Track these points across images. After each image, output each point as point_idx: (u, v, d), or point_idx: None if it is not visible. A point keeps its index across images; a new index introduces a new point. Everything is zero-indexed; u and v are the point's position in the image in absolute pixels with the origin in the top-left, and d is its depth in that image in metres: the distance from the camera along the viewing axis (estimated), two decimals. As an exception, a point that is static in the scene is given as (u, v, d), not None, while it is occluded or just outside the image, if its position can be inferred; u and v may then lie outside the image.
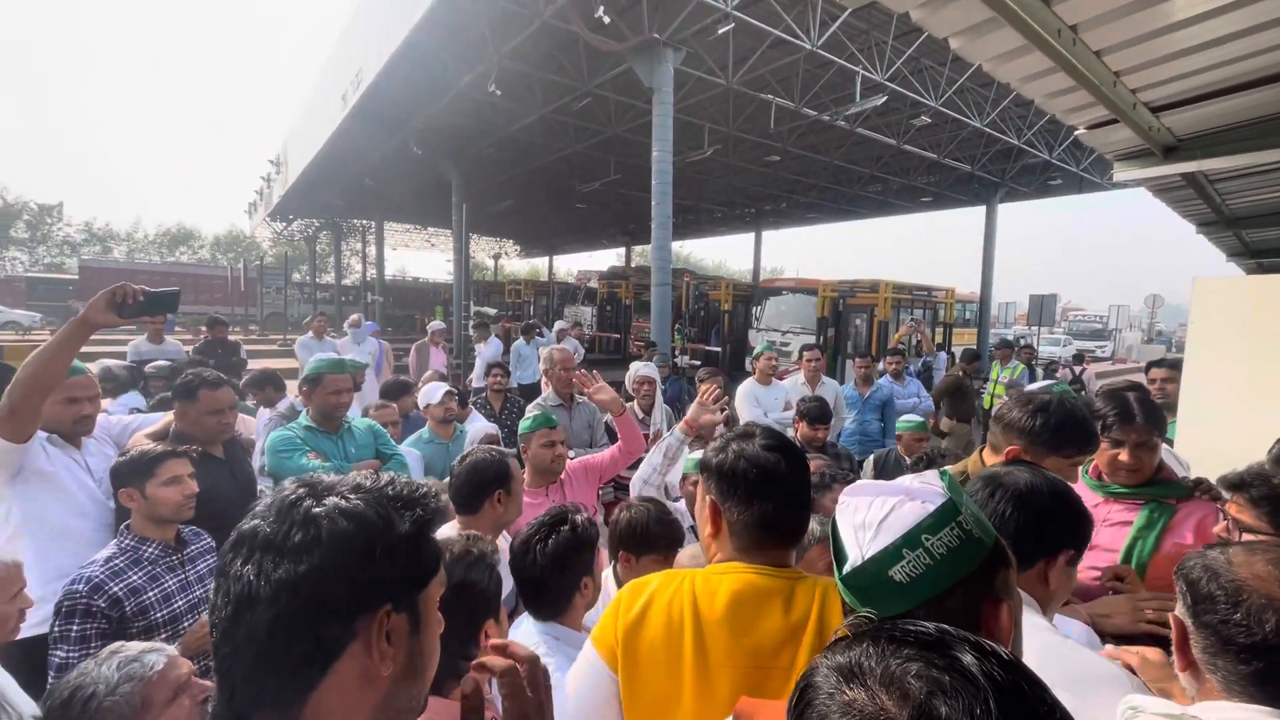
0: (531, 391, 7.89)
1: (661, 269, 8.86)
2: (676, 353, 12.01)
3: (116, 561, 1.77)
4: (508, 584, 1.52)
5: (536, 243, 36.69)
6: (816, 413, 3.35)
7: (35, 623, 1.92)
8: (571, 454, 3.10)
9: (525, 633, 1.54)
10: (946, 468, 1.05)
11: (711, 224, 26.42)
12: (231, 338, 6.92)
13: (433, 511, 0.69)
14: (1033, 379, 7.70)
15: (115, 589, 1.71)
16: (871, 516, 0.72)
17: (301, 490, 0.65)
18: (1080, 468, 1.66)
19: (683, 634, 1.02)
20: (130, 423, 2.30)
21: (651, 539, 1.86)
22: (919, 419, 3.88)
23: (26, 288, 28.30)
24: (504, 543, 1.93)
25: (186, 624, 1.79)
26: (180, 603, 1.82)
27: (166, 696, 1.24)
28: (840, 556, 0.73)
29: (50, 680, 1.63)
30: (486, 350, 8.02)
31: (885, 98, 9.81)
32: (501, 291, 26.64)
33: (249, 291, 25.01)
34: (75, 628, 1.65)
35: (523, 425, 2.48)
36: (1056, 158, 13.57)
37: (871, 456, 3.69)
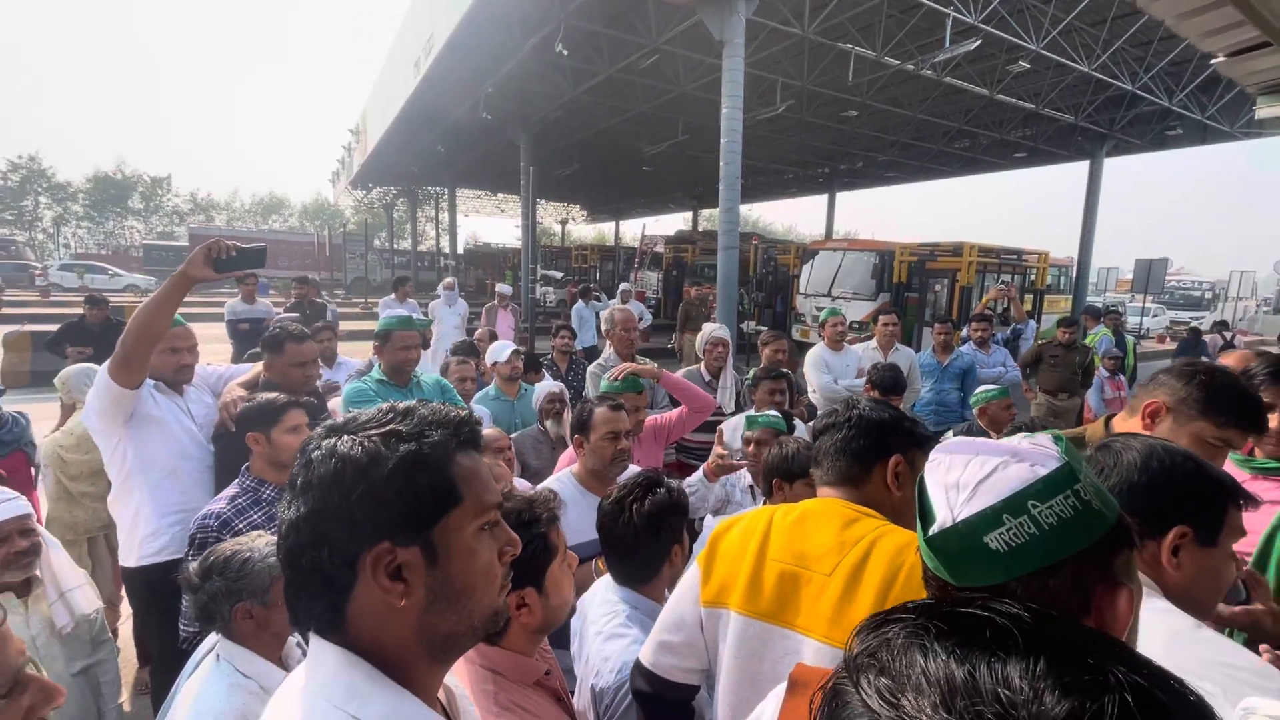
0: (591, 354, 7.98)
1: (729, 232, 8.63)
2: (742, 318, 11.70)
3: (240, 500, 1.95)
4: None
5: (603, 207, 36.66)
6: (890, 382, 3.18)
7: (151, 552, 2.13)
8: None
9: (602, 598, 1.51)
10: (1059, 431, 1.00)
11: (782, 185, 25.49)
12: (319, 300, 7.38)
13: (432, 445, 0.65)
14: (1121, 347, 7.07)
15: (240, 526, 1.88)
16: (968, 476, 0.64)
17: (319, 431, 0.67)
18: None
19: (754, 535, 1.16)
20: (224, 372, 2.47)
21: (801, 466, 1.95)
22: (996, 388, 3.56)
23: (143, 254, 31.06)
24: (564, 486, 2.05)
25: None
26: None
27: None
28: (926, 516, 0.67)
29: (184, 603, 1.79)
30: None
31: (979, 41, 8.99)
32: (568, 256, 26.88)
33: (334, 257, 26.38)
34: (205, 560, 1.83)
35: (605, 385, 2.51)
36: (1177, 104, 12.11)
37: (950, 431, 3.45)
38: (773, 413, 2.62)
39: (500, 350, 3.66)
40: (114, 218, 45.80)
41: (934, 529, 0.64)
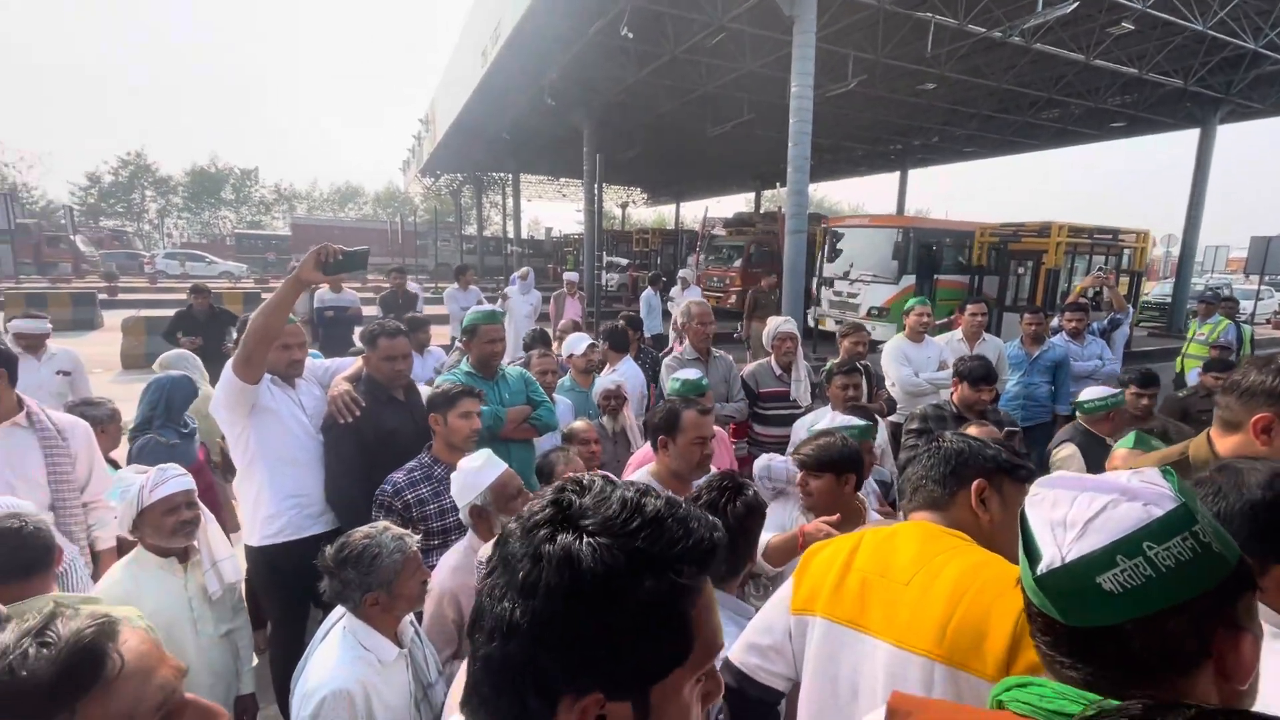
0: (660, 341, 8.00)
1: (797, 214, 8.42)
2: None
3: (415, 473, 2.21)
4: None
5: (664, 190, 36.42)
6: (980, 372, 3.04)
7: (270, 533, 2.33)
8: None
9: None
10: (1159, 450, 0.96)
11: (851, 164, 24.55)
12: (411, 290, 7.88)
13: (684, 588, 0.53)
14: (1240, 339, 6.41)
15: (409, 496, 2.15)
16: (1076, 514, 0.63)
17: (549, 509, 0.55)
18: None
19: (844, 549, 1.22)
20: (331, 365, 2.64)
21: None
22: (1114, 394, 3.12)
23: (235, 242, 33.36)
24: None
25: (454, 538, 2.11)
26: (452, 519, 2.16)
27: (412, 571, 1.62)
28: (1032, 553, 0.65)
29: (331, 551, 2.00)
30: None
31: (1075, 3, 8.31)
32: (629, 240, 26.91)
33: (406, 244, 27.44)
34: (381, 517, 2.06)
35: (672, 386, 2.54)
36: (1309, 62, 10.84)
37: (1058, 442, 3.13)
38: (840, 422, 2.52)
39: (577, 343, 3.73)
40: (209, 208, 49.23)
41: (1042, 568, 0.63)
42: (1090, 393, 3.13)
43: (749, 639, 1.29)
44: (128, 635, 0.61)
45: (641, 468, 2.27)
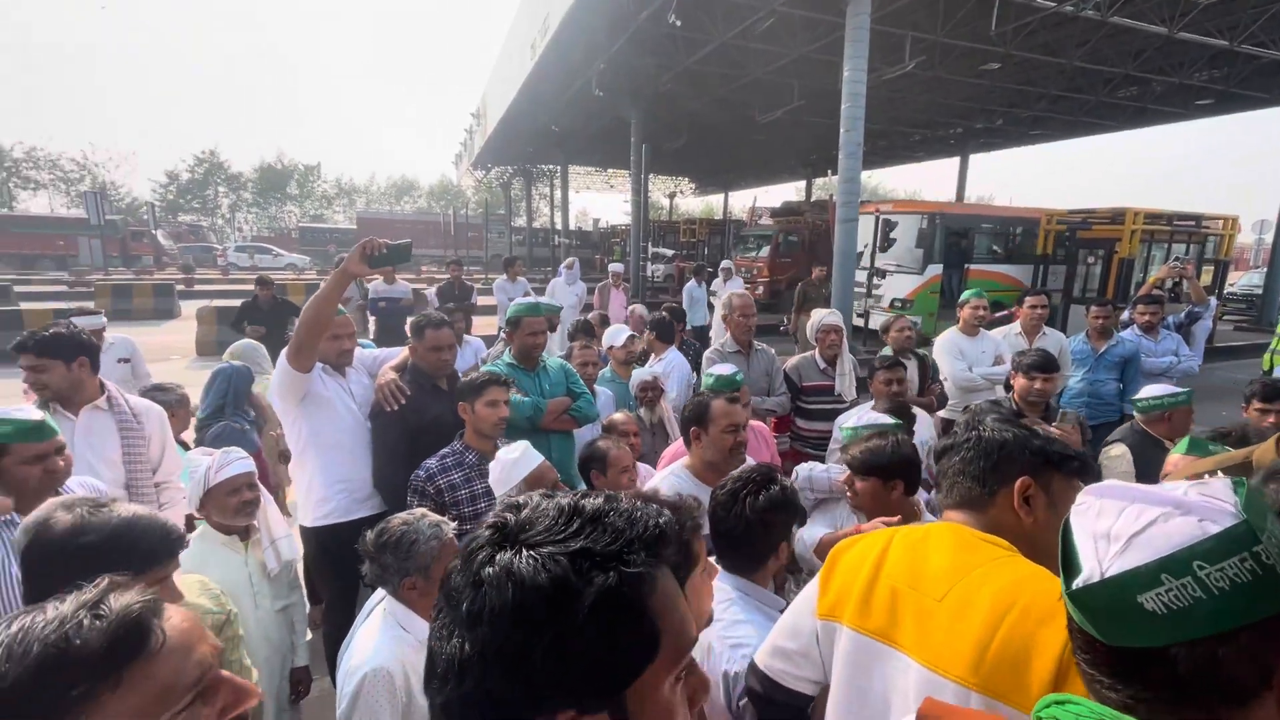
0: (702, 333, 7.95)
1: (848, 203, 8.18)
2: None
3: (447, 459, 2.29)
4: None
5: (712, 179, 36.01)
6: (1041, 360, 2.90)
7: (321, 515, 2.44)
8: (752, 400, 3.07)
9: (716, 585, 1.56)
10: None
11: (906, 149, 23.65)
12: (468, 283, 8.22)
13: (636, 577, 0.50)
14: None
15: (441, 481, 2.23)
16: (1121, 527, 0.58)
17: (487, 533, 0.53)
18: None
19: (872, 552, 1.13)
20: (379, 354, 2.75)
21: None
22: (1182, 392, 2.85)
23: (299, 235, 34.97)
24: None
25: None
26: (483, 504, 2.24)
27: (448, 557, 1.64)
28: (1070, 565, 0.62)
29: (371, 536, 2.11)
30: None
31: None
32: (676, 231, 26.76)
33: (458, 235, 28.14)
34: (416, 501, 2.19)
35: (706, 382, 2.53)
36: None
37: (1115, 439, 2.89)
38: (872, 419, 2.43)
39: (616, 334, 3.75)
40: (275, 203, 51.67)
41: (1079, 582, 0.59)
42: (1149, 390, 2.90)
43: (775, 643, 1.24)
44: (172, 613, 0.64)
45: (675, 461, 2.27)
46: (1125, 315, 4.88)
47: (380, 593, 1.72)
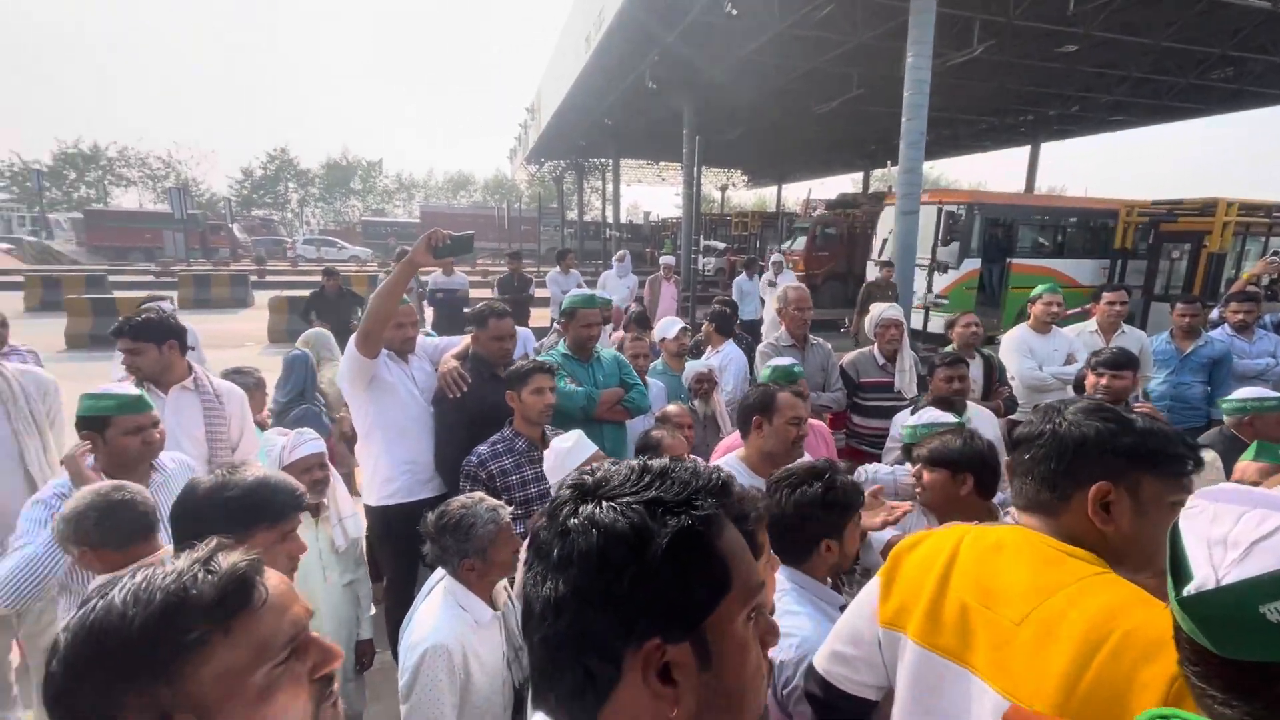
0: (753, 327, 7.85)
1: (909, 194, 7.91)
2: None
3: (498, 446, 2.35)
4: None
5: (765, 171, 35.43)
6: (1116, 356, 2.74)
7: (386, 495, 2.55)
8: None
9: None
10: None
11: (972, 138, 22.62)
12: (527, 274, 8.43)
13: (705, 519, 0.55)
14: None
15: (493, 467, 2.29)
16: (1240, 533, 0.55)
17: (570, 490, 0.60)
18: None
19: (938, 557, 1.05)
20: (440, 343, 2.85)
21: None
22: (1251, 396, 2.66)
23: (362, 229, 36.45)
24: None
25: (535, 508, 2.24)
26: (533, 490, 2.29)
27: (504, 540, 1.72)
28: (1180, 571, 0.58)
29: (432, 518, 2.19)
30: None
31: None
32: (728, 224, 26.48)
33: (512, 229, 28.71)
34: (468, 486, 2.25)
35: (765, 374, 2.50)
36: None
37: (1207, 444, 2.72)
38: (931, 418, 2.34)
39: (669, 326, 3.74)
40: (340, 198, 53.94)
41: (1190, 588, 0.56)
42: (1239, 393, 2.69)
43: (834, 647, 1.18)
44: (270, 575, 0.70)
45: (729, 453, 2.25)
46: (1215, 314, 4.54)
47: (440, 571, 1.78)
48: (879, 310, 3.43)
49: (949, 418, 2.27)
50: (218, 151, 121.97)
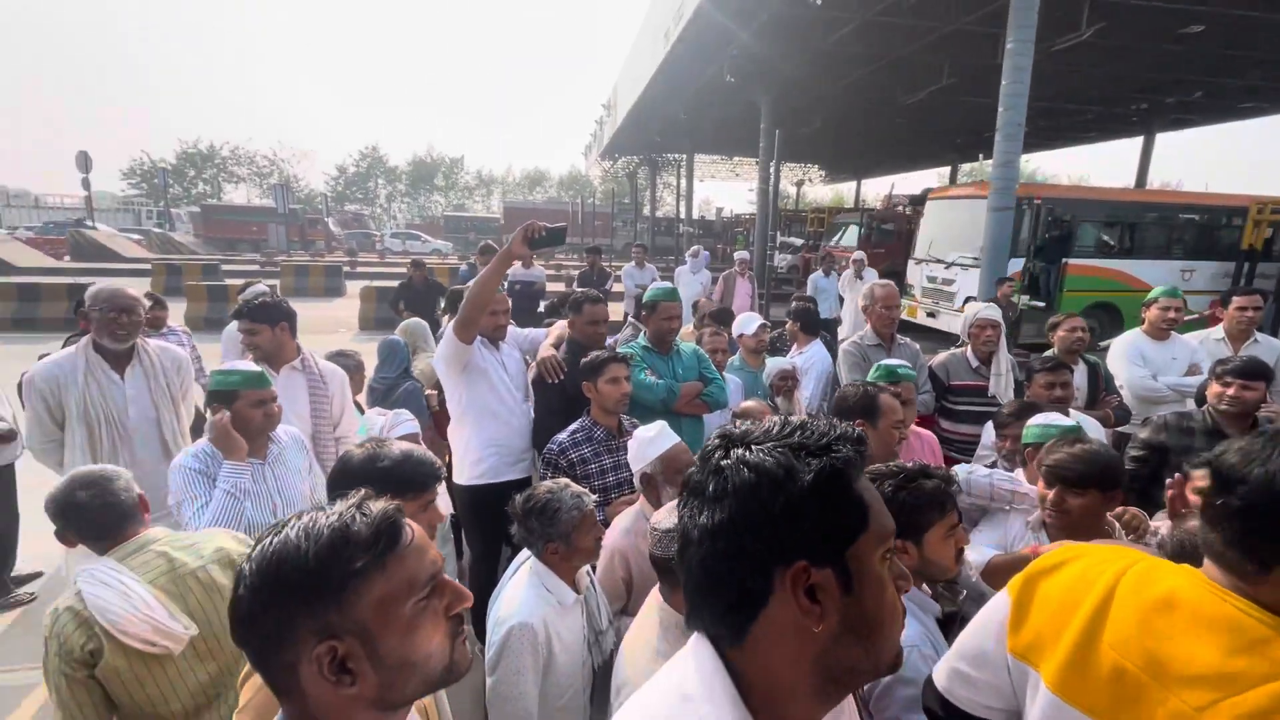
0: (829, 326, 7.62)
1: (1005, 189, 7.44)
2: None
3: (577, 434, 2.42)
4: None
5: (843, 166, 34.29)
6: (1246, 365, 2.46)
7: (475, 475, 2.66)
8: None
9: None
10: None
11: (1075, 129, 21.02)
12: (606, 269, 8.66)
13: (844, 460, 0.62)
14: None
15: (573, 455, 2.36)
16: None
17: (718, 440, 0.68)
18: None
19: (1088, 595, 0.88)
20: (529, 333, 2.99)
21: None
22: None
23: (444, 223, 38.10)
24: None
25: (613, 496, 2.30)
26: (611, 478, 2.35)
27: (588, 527, 1.76)
28: None
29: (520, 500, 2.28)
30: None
31: None
32: (803, 220, 25.83)
33: (585, 224, 29.18)
34: (549, 473, 2.32)
35: (876, 373, 2.43)
36: None
37: None
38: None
39: (749, 322, 3.70)
40: (424, 194, 56.52)
41: None
42: None
43: (956, 666, 1.08)
44: (409, 523, 0.80)
45: None
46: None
47: (526, 552, 1.84)
48: (974, 310, 3.25)
49: (1069, 421, 2.10)
50: (316, 150, 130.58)
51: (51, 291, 11.43)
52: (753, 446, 0.64)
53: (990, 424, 2.91)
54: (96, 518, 1.57)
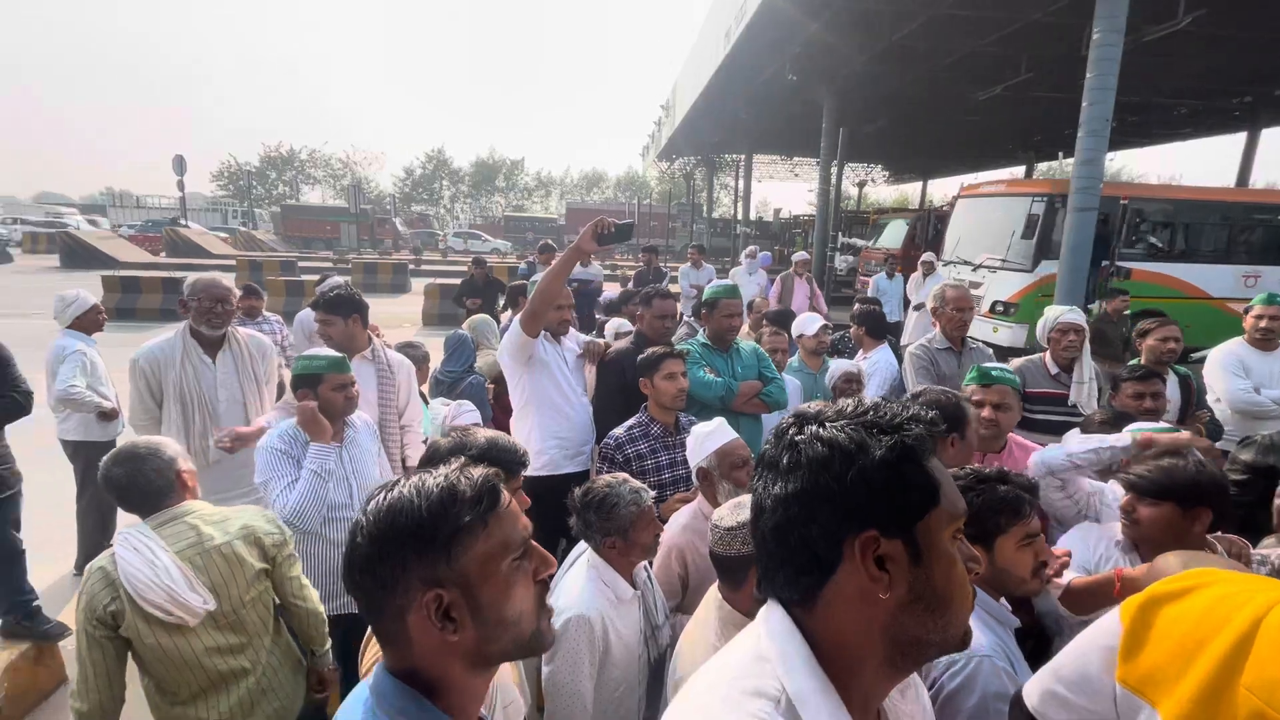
0: (893, 329, 7.37)
1: (1088, 189, 7.02)
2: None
3: (634, 430, 2.44)
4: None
5: (908, 166, 33.12)
6: None
7: (536, 467, 2.70)
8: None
9: None
10: None
11: (1167, 125, 19.58)
12: (663, 268, 8.75)
13: (916, 438, 0.65)
14: None
15: (629, 450, 2.38)
16: None
17: (792, 418, 0.72)
18: None
19: (1222, 631, 0.78)
20: (587, 338, 3.01)
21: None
22: None
23: (504, 223, 39.16)
24: None
25: (669, 492, 2.31)
26: (667, 475, 2.36)
27: (645, 524, 1.76)
28: None
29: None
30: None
31: None
32: (865, 222, 25.13)
33: (641, 224, 29.38)
34: (605, 468, 2.37)
35: (972, 375, 2.34)
36: None
37: None
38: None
39: (809, 323, 3.62)
40: (485, 194, 58.11)
41: None
42: None
43: (1052, 688, 1.00)
44: (505, 489, 0.86)
45: None
46: None
47: (584, 544, 1.86)
48: (1055, 313, 3.05)
49: (1164, 427, 1.95)
50: (386, 153, 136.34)
51: (149, 284, 12.39)
52: (826, 424, 0.67)
53: (1069, 436, 2.75)
54: (127, 492, 1.68)
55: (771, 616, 0.69)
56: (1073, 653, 0.97)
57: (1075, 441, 1.94)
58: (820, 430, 0.66)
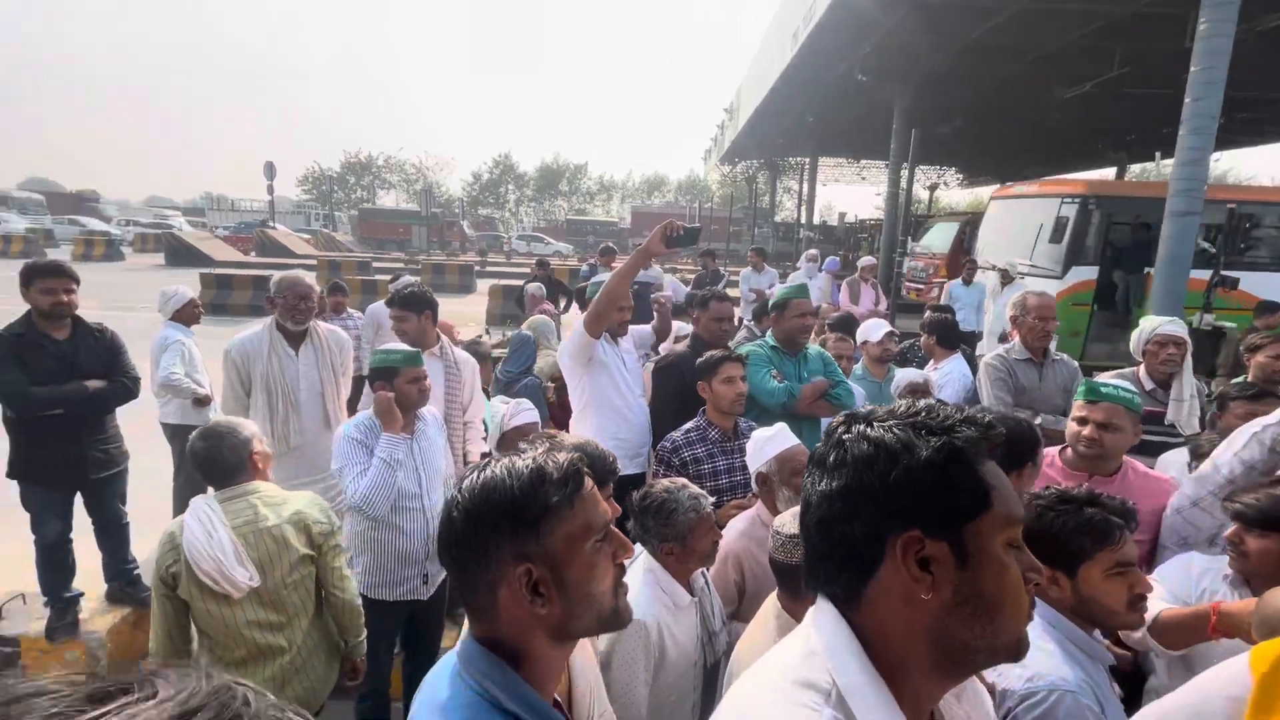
0: (968, 339, 7.02)
1: (1190, 192, 6.48)
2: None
3: (691, 434, 2.44)
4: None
5: (985, 169, 31.56)
6: None
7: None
8: (1044, 418, 2.64)
9: None
10: None
11: (1277, 123, 17.87)
12: (721, 271, 8.73)
13: (966, 440, 0.63)
14: None
15: (686, 454, 2.37)
16: None
17: (843, 418, 0.73)
18: None
19: None
20: (637, 328, 3.02)
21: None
22: None
23: (566, 226, 39.96)
24: None
25: (727, 498, 2.28)
26: (724, 480, 2.33)
27: (704, 530, 1.74)
28: None
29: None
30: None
31: None
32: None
33: (703, 228, 29.44)
34: (661, 471, 2.36)
35: (1081, 390, 2.22)
36: None
37: None
38: None
39: (874, 329, 3.51)
40: (549, 198, 59.38)
41: None
42: None
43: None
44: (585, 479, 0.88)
45: None
46: None
47: (641, 549, 1.85)
48: (1153, 324, 2.80)
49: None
50: (456, 159, 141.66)
51: (240, 282, 13.31)
52: (874, 424, 0.67)
53: (1164, 457, 2.55)
54: (203, 464, 1.84)
55: (821, 613, 0.69)
56: (1186, 701, 0.90)
57: (1221, 448, 1.79)
58: (867, 429, 0.67)
